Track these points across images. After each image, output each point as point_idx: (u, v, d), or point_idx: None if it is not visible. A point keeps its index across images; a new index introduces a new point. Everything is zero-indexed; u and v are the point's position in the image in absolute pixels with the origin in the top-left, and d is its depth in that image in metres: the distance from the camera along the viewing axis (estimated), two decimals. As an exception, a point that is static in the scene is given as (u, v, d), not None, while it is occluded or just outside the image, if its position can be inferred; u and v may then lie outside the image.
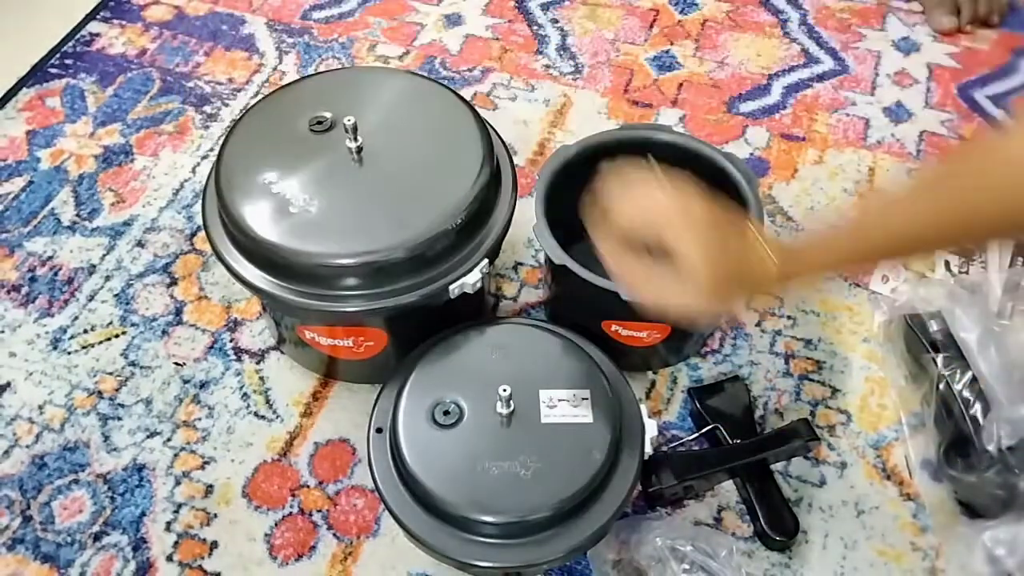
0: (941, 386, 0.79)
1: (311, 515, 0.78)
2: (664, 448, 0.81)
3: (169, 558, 0.76)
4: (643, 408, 0.74)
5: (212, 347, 0.89)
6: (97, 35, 1.18)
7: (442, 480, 0.68)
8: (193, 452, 0.82)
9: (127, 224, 0.98)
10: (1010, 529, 0.70)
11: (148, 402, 0.85)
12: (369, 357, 0.80)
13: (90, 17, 1.20)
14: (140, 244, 0.97)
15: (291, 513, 0.78)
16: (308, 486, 0.80)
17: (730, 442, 0.78)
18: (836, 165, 1.04)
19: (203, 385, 0.86)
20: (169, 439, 0.83)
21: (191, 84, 1.12)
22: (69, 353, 0.88)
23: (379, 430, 0.72)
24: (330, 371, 0.86)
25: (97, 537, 0.77)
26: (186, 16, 1.21)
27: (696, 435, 0.81)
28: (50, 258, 0.95)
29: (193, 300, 0.92)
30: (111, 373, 0.87)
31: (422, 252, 0.72)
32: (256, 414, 0.84)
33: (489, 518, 0.67)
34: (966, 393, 0.77)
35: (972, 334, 0.79)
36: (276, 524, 0.78)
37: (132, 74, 1.13)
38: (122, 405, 0.85)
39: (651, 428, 0.72)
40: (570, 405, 0.71)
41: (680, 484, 0.75)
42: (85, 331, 0.90)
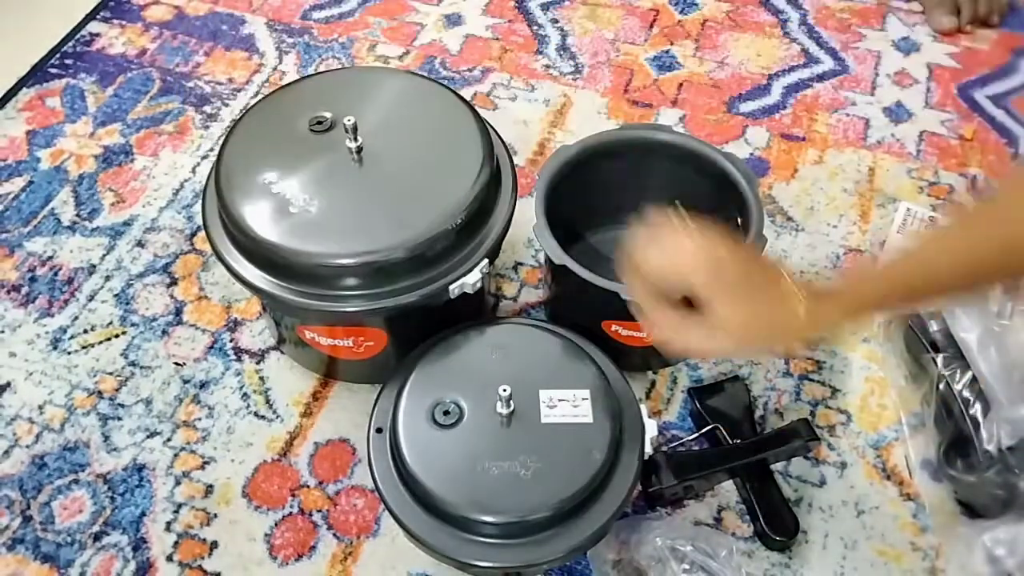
0: (941, 386, 0.79)
1: (311, 515, 0.78)
2: (664, 448, 0.81)
3: (169, 558, 0.76)
4: (643, 408, 0.74)
5: (212, 347, 0.89)
6: (97, 35, 1.18)
7: (442, 480, 0.68)
8: (193, 452, 0.82)
9: (127, 224, 0.98)
10: (1010, 529, 0.70)
11: (148, 402, 0.85)
12: (369, 357, 0.80)
13: (90, 17, 1.20)
14: (140, 244, 0.97)
15: (291, 513, 0.78)
16: (308, 486, 0.80)
17: (730, 442, 0.78)
18: (836, 165, 1.04)
19: (203, 385, 0.86)
20: (169, 439, 0.83)
21: (191, 84, 1.12)
22: (69, 353, 0.88)
23: (379, 430, 0.72)
24: (330, 371, 0.86)
25: (97, 537, 0.77)
26: (186, 16, 1.21)
27: (696, 435, 0.81)
28: (50, 258, 0.95)
29: (193, 300, 0.92)
30: (111, 373, 0.87)
31: (422, 252, 0.72)
32: (256, 414, 0.84)
33: (489, 518, 0.67)
34: (966, 393, 0.77)
35: (972, 334, 0.80)
36: (276, 524, 0.78)
37: (132, 74, 1.13)
38: (122, 405, 0.85)
39: (651, 428, 0.72)
40: (570, 405, 0.71)
41: (680, 484, 0.75)
42: (85, 331, 0.90)
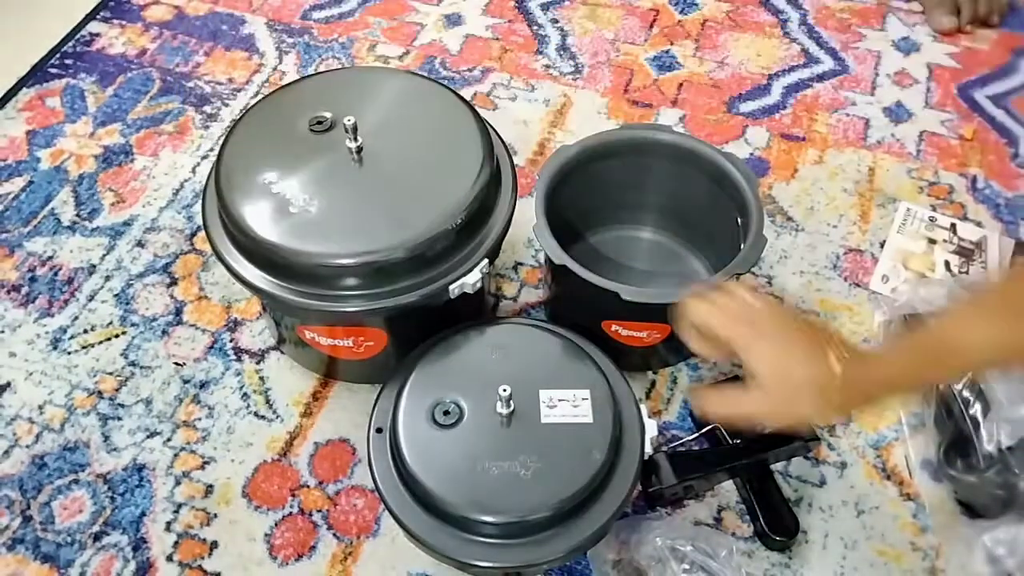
0: (941, 386, 0.79)
1: (311, 515, 0.78)
2: (664, 448, 0.81)
3: (169, 558, 0.76)
4: (643, 408, 0.74)
5: (212, 347, 0.89)
6: (97, 35, 1.18)
7: (442, 480, 0.68)
8: (193, 452, 0.82)
9: (127, 224, 0.98)
10: (1010, 529, 0.70)
11: (148, 402, 0.85)
12: (369, 357, 0.80)
13: (90, 17, 1.21)
14: (140, 244, 0.97)
15: (291, 513, 0.78)
16: (308, 486, 0.80)
17: (730, 442, 0.78)
18: (836, 165, 1.04)
19: (203, 385, 0.86)
20: (169, 439, 0.83)
21: (191, 84, 1.12)
22: (69, 353, 0.88)
23: (379, 430, 0.72)
24: (330, 371, 0.86)
25: (97, 537, 0.77)
26: (186, 16, 1.21)
27: (696, 435, 0.81)
28: (50, 258, 0.95)
29: (193, 300, 0.92)
30: (111, 373, 0.87)
31: (422, 252, 0.72)
32: (256, 414, 0.84)
33: (489, 518, 0.67)
34: (966, 393, 0.77)
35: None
36: (276, 524, 0.78)
37: (132, 74, 1.13)
38: (122, 405, 0.85)
39: (651, 428, 0.72)
40: (570, 405, 0.71)
41: (680, 484, 0.75)
42: (85, 331, 0.90)
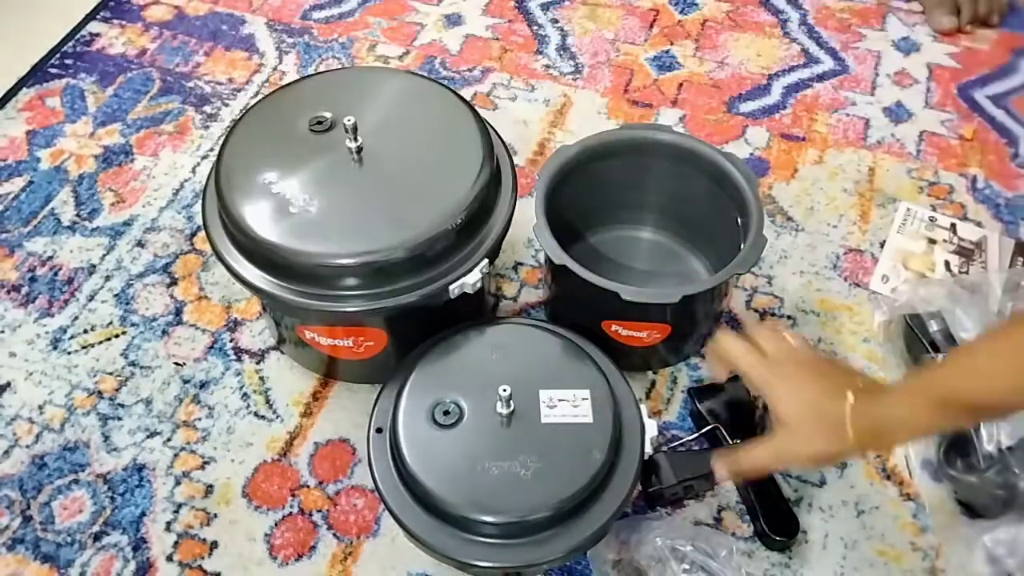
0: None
1: (311, 515, 0.78)
2: (664, 448, 0.81)
3: (169, 558, 0.76)
4: (643, 408, 0.74)
5: (212, 347, 0.89)
6: (97, 35, 1.18)
7: (442, 480, 0.68)
8: (193, 452, 0.82)
9: (127, 224, 0.98)
10: (1010, 529, 0.70)
11: (148, 402, 0.85)
12: (369, 357, 0.80)
13: (90, 17, 1.20)
14: (140, 244, 0.97)
15: (291, 513, 0.78)
16: (308, 486, 0.80)
17: (730, 442, 0.78)
18: (836, 165, 1.04)
19: (203, 385, 0.86)
20: (169, 439, 0.83)
21: (191, 84, 1.12)
22: (69, 353, 0.88)
23: (379, 430, 0.72)
24: (330, 371, 0.86)
25: (97, 537, 0.77)
26: (186, 16, 1.21)
27: (696, 435, 0.81)
28: (50, 258, 0.95)
29: (193, 300, 0.92)
30: (111, 373, 0.87)
31: (422, 252, 0.72)
32: (256, 414, 0.84)
33: (489, 518, 0.67)
34: (966, 393, 0.77)
35: (972, 334, 0.80)
36: (276, 524, 0.78)
37: (132, 74, 1.13)
38: (122, 405, 0.85)
39: (651, 428, 0.73)
40: (570, 405, 0.71)
41: (680, 484, 0.75)
42: (85, 331, 0.90)
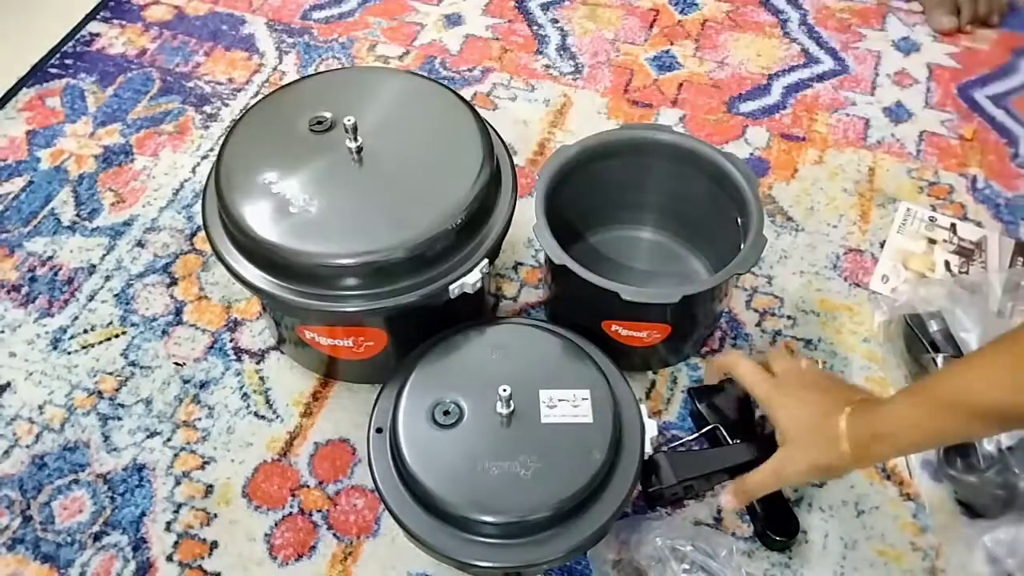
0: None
1: (311, 515, 0.78)
2: (664, 448, 0.81)
3: (169, 558, 0.76)
4: (643, 408, 0.74)
5: (212, 347, 0.89)
6: (97, 35, 1.18)
7: (442, 480, 0.68)
8: (193, 452, 0.82)
9: (127, 224, 0.98)
10: (1010, 530, 0.70)
11: (148, 402, 0.85)
12: (369, 357, 0.80)
13: (90, 17, 1.20)
14: (140, 244, 0.97)
15: (291, 513, 0.78)
16: (308, 486, 0.80)
17: (730, 442, 0.78)
18: (836, 165, 1.04)
19: (203, 385, 0.86)
20: (169, 439, 0.83)
21: (191, 84, 1.12)
22: (69, 353, 0.88)
23: (379, 430, 0.72)
24: (330, 371, 0.86)
25: (97, 537, 0.77)
26: (186, 16, 1.21)
27: (696, 435, 0.81)
28: (50, 258, 0.95)
29: (193, 300, 0.92)
30: (111, 373, 0.87)
31: (422, 252, 0.72)
32: (256, 414, 0.84)
33: (489, 518, 0.67)
34: (966, 393, 0.77)
35: (972, 334, 0.80)
36: (276, 524, 0.78)
37: (132, 74, 1.13)
38: (122, 405, 0.85)
39: (651, 428, 0.73)
40: (570, 405, 0.71)
41: (680, 484, 0.75)
42: (85, 331, 0.90)
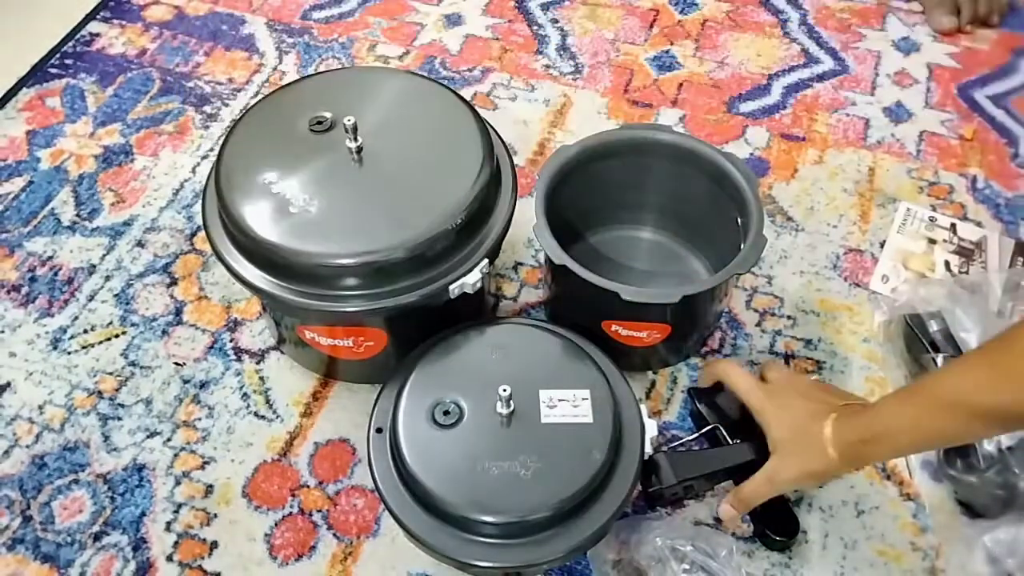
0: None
1: (311, 515, 0.78)
2: (664, 448, 0.81)
3: (169, 558, 0.76)
4: (643, 408, 0.74)
5: (212, 347, 0.89)
6: (97, 35, 1.18)
7: (442, 480, 0.68)
8: (193, 452, 0.82)
9: (127, 224, 0.98)
10: (1010, 529, 0.70)
11: (148, 402, 0.85)
12: (369, 357, 0.80)
13: (90, 17, 1.20)
14: (140, 244, 0.97)
15: (291, 513, 0.78)
16: (308, 486, 0.80)
17: (730, 442, 0.78)
18: (836, 165, 1.04)
19: (203, 385, 0.86)
20: (169, 439, 0.83)
21: (191, 84, 1.12)
22: (69, 353, 0.88)
23: (379, 430, 0.72)
24: (330, 371, 0.86)
25: (97, 537, 0.77)
26: (186, 16, 1.21)
27: (696, 435, 0.81)
28: (50, 258, 0.95)
29: (193, 300, 0.92)
30: (111, 373, 0.87)
31: (422, 252, 0.72)
32: (256, 414, 0.84)
33: (489, 518, 0.67)
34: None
35: (972, 334, 0.80)
36: (276, 524, 0.78)
37: (132, 74, 1.13)
38: (122, 405, 0.85)
39: (651, 428, 0.73)
40: (570, 405, 0.71)
41: (680, 484, 0.75)
42: (85, 331, 0.90)
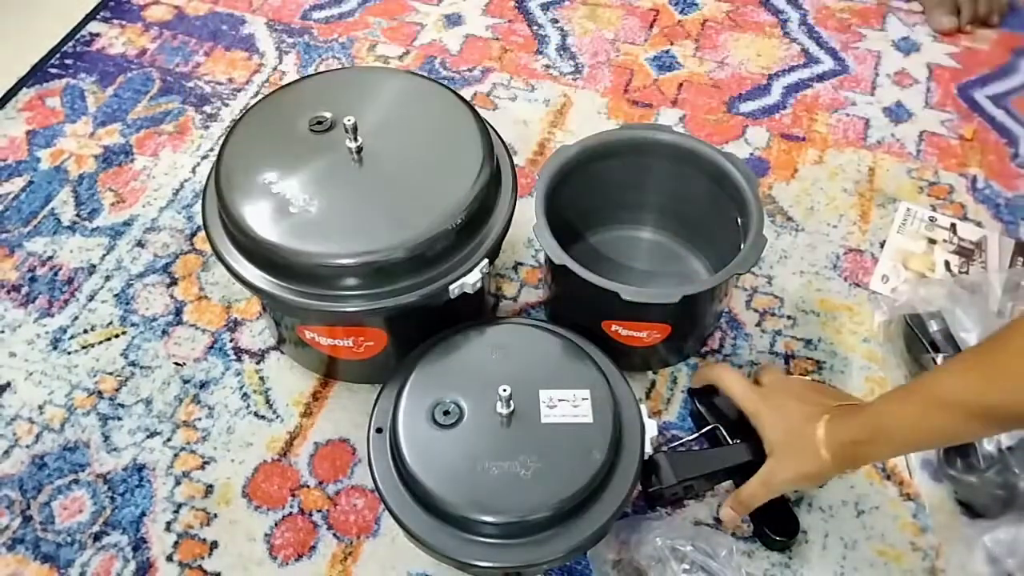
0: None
1: (311, 515, 0.78)
2: (664, 448, 0.81)
3: (169, 558, 0.76)
4: (643, 408, 0.74)
5: (212, 347, 0.89)
6: (97, 35, 1.18)
7: (442, 480, 0.68)
8: (193, 452, 0.82)
9: (127, 224, 0.98)
10: (1010, 529, 0.70)
11: (148, 402, 0.85)
12: (369, 357, 0.80)
13: (90, 17, 1.20)
14: (140, 244, 0.97)
15: (291, 513, 0.78)
16: (308, 486, 0.80)
17: (730, 442, 0.78)
18: (836, 165, 1.04)
19: (203, 385, 0.86)
20: (169, 439, 0.83)
21: (191, 84, 1.12)
22: (69, 353, 0.88)
23: (379, 430, 0.72)
24: (330, 371, 0.86)
25: (97, 537, 0.77)
26: (186, 16, 1.21)
27: (696, 435, 0.81)
28: (50, 258, 0.95)
29: (193, 300, 0.92)
30: (111, 373, 0.87)
31: (422, 252, 0.72)
32: (256, 414, 0.84)
33: (489, 518, 0.67)
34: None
35: (972, 334, 0.80)
36: (276, 524, 0.78)
37: (132, 74, 1.13)
38: (122, 405, 0.85)
39: (651, 428, 0.73)
40: (570, 405, 0.71)
41: (680, 484, 0.75)
42: (85, 331, 0.90)
